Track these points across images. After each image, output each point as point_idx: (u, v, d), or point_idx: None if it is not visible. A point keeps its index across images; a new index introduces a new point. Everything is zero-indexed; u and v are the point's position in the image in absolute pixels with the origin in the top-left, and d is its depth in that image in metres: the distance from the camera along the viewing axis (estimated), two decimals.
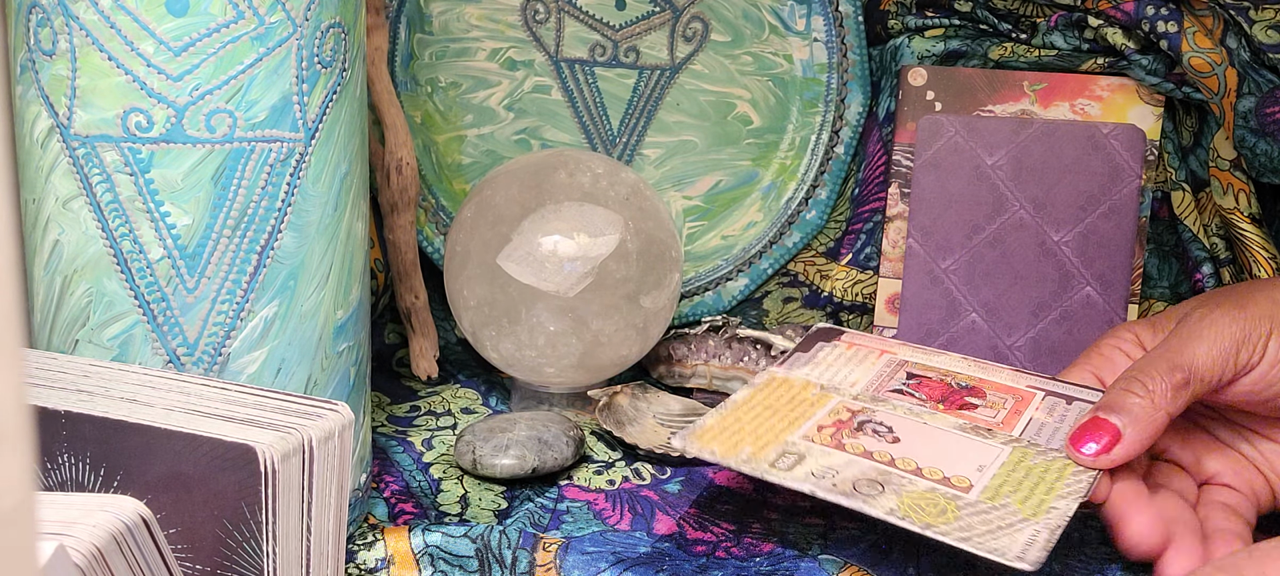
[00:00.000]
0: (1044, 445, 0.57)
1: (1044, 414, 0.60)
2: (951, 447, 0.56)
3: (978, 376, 0.63)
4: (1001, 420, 0.59)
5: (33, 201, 0.53)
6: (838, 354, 0.66)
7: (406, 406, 0.75)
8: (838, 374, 0.63)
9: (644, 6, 0.81)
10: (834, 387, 0.62)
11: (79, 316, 0.53)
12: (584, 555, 0.57)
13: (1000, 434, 0.58)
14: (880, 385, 0.62)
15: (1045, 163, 0.75)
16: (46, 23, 0.51)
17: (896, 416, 0.59)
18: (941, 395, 0.61)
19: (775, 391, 0.61)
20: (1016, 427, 0.59)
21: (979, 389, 0.62)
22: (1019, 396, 0.62)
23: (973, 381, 0.63)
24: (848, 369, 0.64)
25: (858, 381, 0.63)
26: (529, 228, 0.69)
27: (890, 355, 0.65)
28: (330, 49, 0.53)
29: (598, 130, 0.82)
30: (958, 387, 0.62)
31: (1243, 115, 0.72)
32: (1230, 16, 0.73)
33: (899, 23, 0.80)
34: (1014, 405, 0.61)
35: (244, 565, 0.45)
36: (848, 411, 0.59)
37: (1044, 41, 0.77)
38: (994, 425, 0.59)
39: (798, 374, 0.63)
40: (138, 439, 0.45)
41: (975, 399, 0.61)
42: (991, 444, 0.57)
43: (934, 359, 0.65)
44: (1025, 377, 0.63)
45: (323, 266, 0.55)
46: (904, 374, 0.63)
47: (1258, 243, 0.74)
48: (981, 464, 0.55)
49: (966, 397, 0.61)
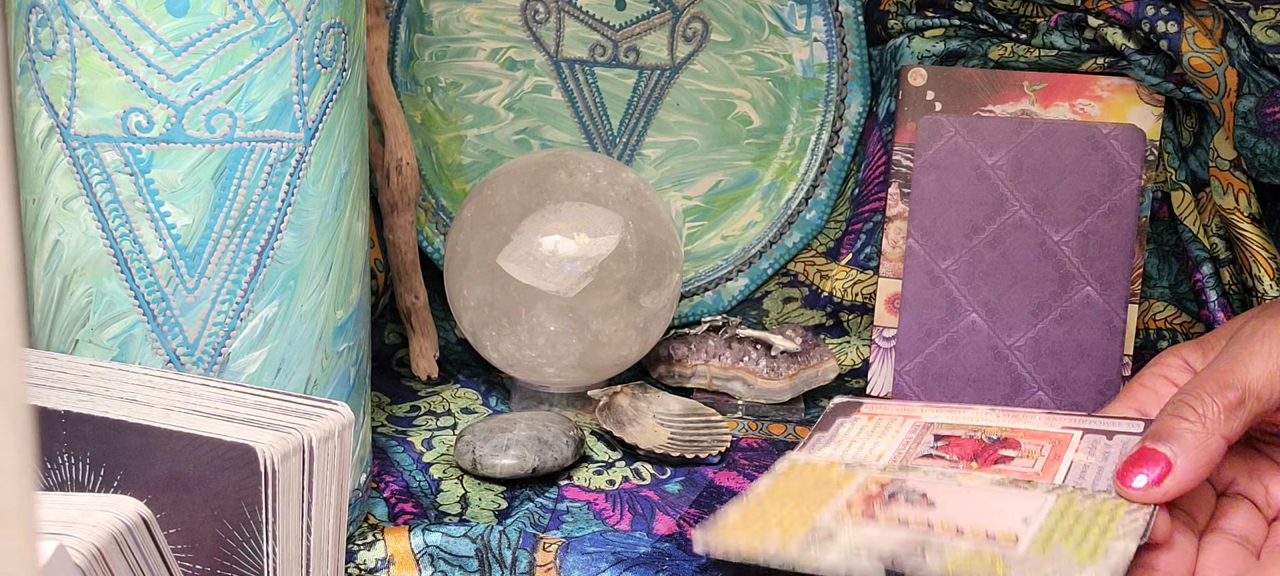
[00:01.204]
0: (1090, 487, 0.53)
1: (1086, 454, 0.55)
2: (991, 504, 0.52)
3: (1009, 426, 0.59)
4: (1041, 468, 0.55)
5: (33, 201, 0.53)
6: (859, 427, 0.62)
7: (406, 406, 0.75)
8: (862, 448, 0.59)
9: (644, 6, 0.81)
10: (859, 463, 0.57)
11: (79, 316, 0.53)
12: (584, 555, 0.57)
13: (1042, 483, 0.53)
14: (908, 453, 0.58)
15: (1045, 163, 0.75)
16: (46, 23, 0.51)
17: (929, 481, 0.54)
18: (974, 453, 0.57)
19: (798, 476, 0.57)
20: (1058, 474, 0.54)
21: (1012, 440, 0.58)
22: (1056, 441, 0.57)
23: (1004, 432, 0.59)
24: (871, 442, 0.60)
25: (884, 453, 0.58)
26: (529, 228, 0.69)
27: (914, 420, 0.62)
28: (330, 49, 0.53)
29: (598, 130, 0.82)
30: (989, 442, 0.58)
31: (1243, 115, 0.72)
32: (1230, 16, 0.73)
33: (899, 23, 0.80)
34: (1052, 451, 0.56)
35: (244, 565, 0.45)
36: (877, 485, 0.55)
37: (1044, 41, 0.77)
38: (1033, 475, 0.54)
39: (820, 455, 0.59)
40: (138, 439, 0.45)
41: (1010, 451, 0.57)
42: (1034, 494, 0.53)
43: (960, 415, 0.61)
44: (1060, 419, 0.59)
45: (323, 266, 0.55)
46: (931, 437, 0.59)
47: (1258, 243, 0.74)
48: (1026, 515, 0.51)
49: (1000, 450, 0.57)
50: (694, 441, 0.70)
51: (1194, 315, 0.79)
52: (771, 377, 0.75)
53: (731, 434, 0.72)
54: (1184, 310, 0.80)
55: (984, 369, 0.75)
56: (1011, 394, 0.75)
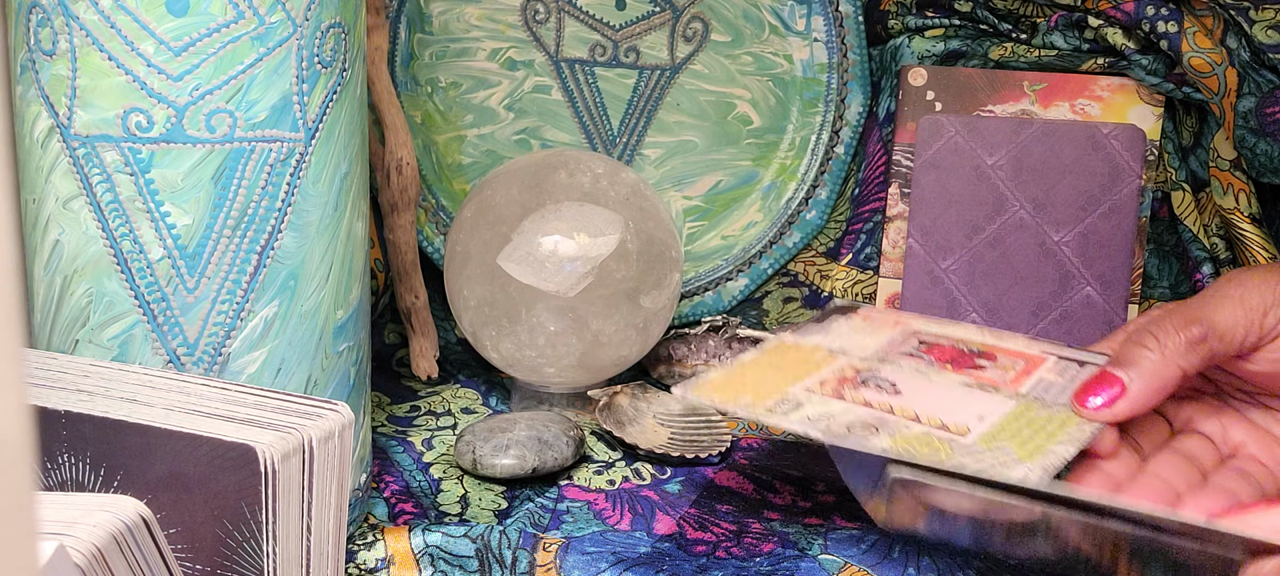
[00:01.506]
0: (1051, 401, 0.55)
1: (1055, 374, 0.58)
2: (953, 400, 0.55)
3: (991, 343, 0.62)
4: (1010, 379, 0.58)
5: (33, 201, 0.53)
6: (852, 325, 0.64)
7: (406, 406, 0.75)
8: (849, 341, 0.62)
9: (644, 6, 0.81)
10: (842, 351, 0.60)
11: (79, 316, 0.53)
12: (584, 555, 0.57)
13: (1005, 390, 0.56)
14: (890, 349, 0.61)
15: (1045, 163, 0.75)
16: (47, 23, 0.51)
17: (901, 373, 0.58)
18: (951, 358, 0.60)
19: (783, 355, 0.60)
20: (1024, 386, 0.57)
21: (990, 354, 0.61)
22: (1030, 360, 0.60)
23: (985, 347, 0.61)
24: (859, 337, 0.62)
25: (868, 347, 0.61)
26: (529, 228, 0.69)
27: (904, 326, 0.64)
28: (330, 49, 0.53)
29: (598, 130, 0.82)
30: (968, 352, 0.61)
31: (1243, 115, 0.72)
32: (1230, 16, 0.73)
33: (899, 23, 0.80)
34: (1024, 368, 0.59)
35: (244, 565, 0.45)
36: (852, 370, 0.58)
37: (1044, 41, 0.77)
38: (1001, 383, 0.57)
39: (809, 340, 0.62)
40: (138, 439, 0.45)
41: (985, 361, 0.60)
42: (995, 398, 0.55)
43: (948, 328, 0.64)
44: (1039, 344, 0.62)
45: (323, 266, 0.55)
46: (916, 341, 0.62)
47: (1258, 243, 0.74)
48: (982, 414, 0.53)
49: (976, 359, 0.60)
50: (694, 441, 0.70)
51: None
52: None
53: (731, 434, 0.72)
54: None
55: None
56: None
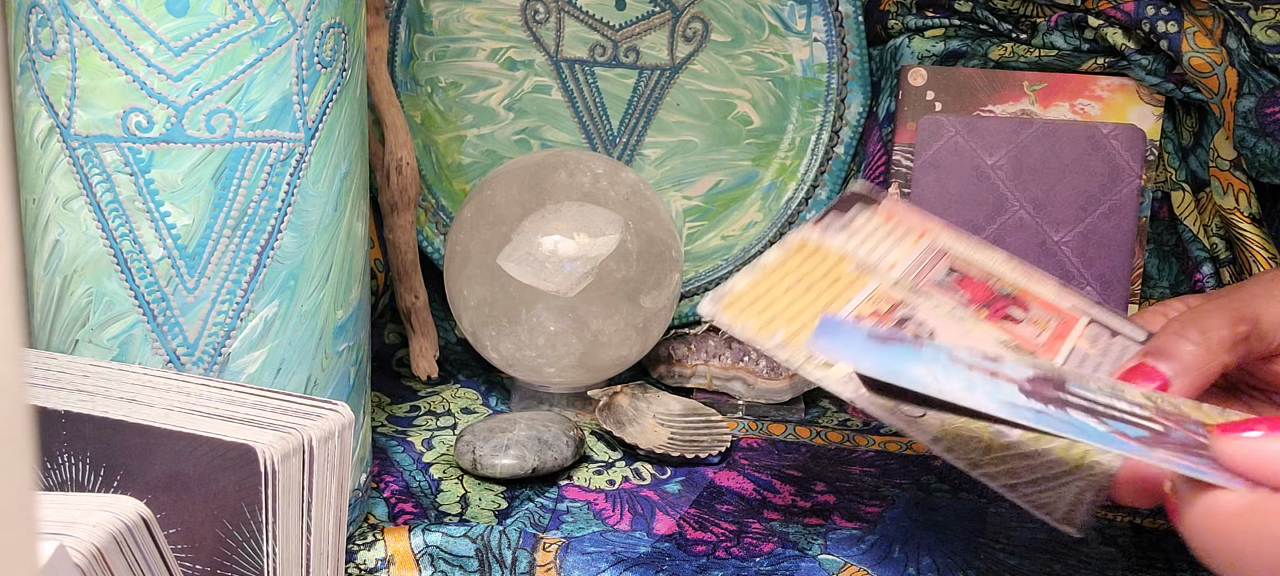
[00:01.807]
0: (1086, 378, 0.53)
1: (1088, 343, 0.55)
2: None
3: (1022, 285, 0.59)
4: (1044, 342, 0.55)
5: (33, 201, 0.53)
6: (875, 225, 0.60)
7: (406, 406, 0.75)
8: (875, 250, 0.58)
9: (644, 6, 0.81)
10: (871, 267, 0.57)
11: (79, 316, 0.53)
12: (584, 555, 0.57)
13: (1042, 360, 0.53)
14: (920, 274, 0.57)
15: (1045, 163, 0.75)
16: (46, 23, 0.51)
17: (939, 317, 0.54)
18: (985, 300, 0.57)
19: (809, 260, 0.56)
20: (1059, 354, 0.54)
21: (1022, 300, 0.58)
22: (1063, 318, 0.57)
23: (1016, 290, 0.58)
24: (886, 246, 0.59)
25: (897, 264, 0.57)
26: (529, 228, 0.69)
27: (930, 240, 0.60)
28: (330, 49, 0.53)
29: (598, 130, 0.82)
30: (1001, 294, 0.57)
31: (1243, 115, 0.72)
32: (1230, 16, 0.73)
33: (899, 23, 0.80)
34: (1057, 328, 0.56)
35: (244, 565, 0.45)
36: (887, 301, 0.54)
37: (1044, 41, 0.77)
38: (1037, 347, 0.54)
39: (832, 242, 0.58)
40: (138, 439, 0.45)
41: (1018, 311, 0.57)
42: (1034, 369, 0.53)
43: (976, 254, 0.60)
44: (1069, 297, 0.59)
45: (323, 266, 0.55)
46: (946, 267, 0.58)
47: (1258, 243, 0.74)
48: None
49: (1010, 307, 0.57)
50: (694, 441, 0.70)
51: None
52: (771, 377, 0.75)
53: (731, 434, 0.72)
54: None
55: None
56: None
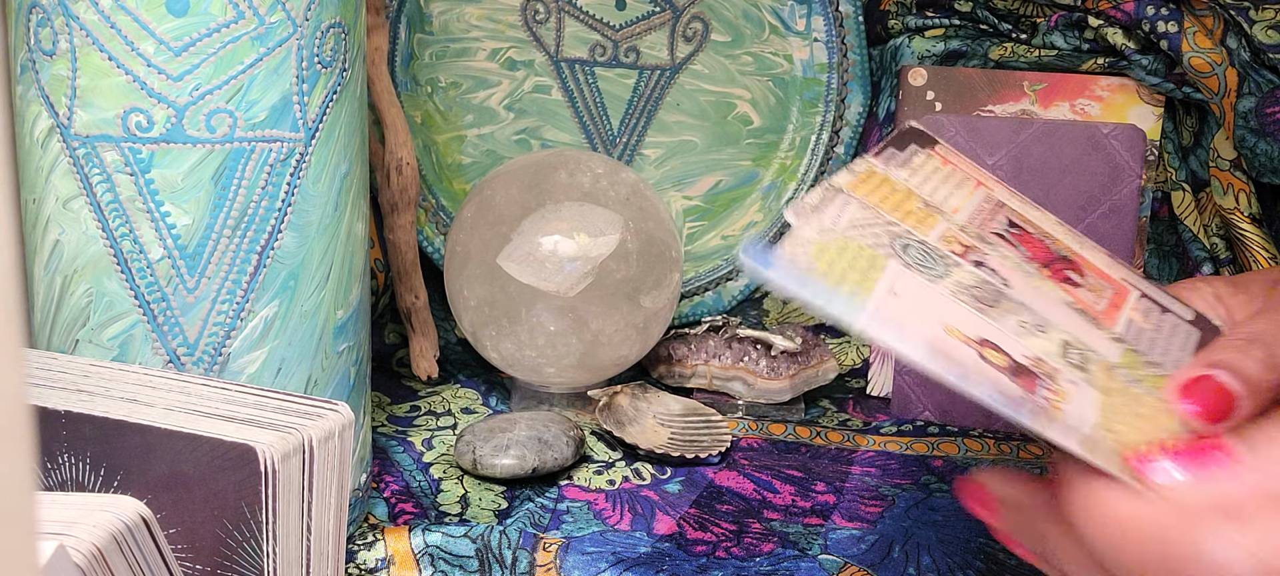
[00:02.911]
0: (1145, 354, 0.51)
1: (1141, 317, 0.54)
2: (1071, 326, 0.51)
3: (1075, 249, 0.57)
4: (1103, 309, 0.53)
5: (33, 201, 0.53)
6: (933, 167, 0.58)
7: (406, 406, 0.75)
8: (937, 192, 0.56)
9: (644, 6, 0.81)
10: (937, 208, 0.54)
11: (79, 316, 0.53)
12: (584, 555, 0.57)
13: (1106, 327, 0.52)
14: (983, 222, 0.55)
15: (1045, 163, 0.75)
16: (47, 23, 0.51)
17: (1009, 268, 0.52)
18: (1046, 260, 0.55)
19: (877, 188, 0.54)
20: (1117, 323, 0.53)
21: (1077, 265, 0.56)
22: (1116, 288, 0.55)
23: (1071, 254, 0.57)
24: (946, 189, 0.57)
25: (960, 210, 0.55)
26: (529, 228, 0.69)
27: (986, 190, 0.58)
28: (330, 49, 0.53)
29: (598, 130, 0.82)
30: (1058, 256, 0.56)
31: (1243, 115, 0.72)
32: (1230, 16, 0.73)
33: (899, 23, 0.80)
34: (1112, 298, 0.55)
35: (244, 565, 0.45)
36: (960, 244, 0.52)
37: (1044, 41, 0.77)
38: (1098, 313, 0.53)
39: (897, 175, 0.56)
40: (138, 439, 0.45)
41: (1076, 275, 0.55)
42: (1100, 336, 0.51)
43: (1031, 212, 0.59)
44: (1119, 268, 0.57)
45: (323, 266, 0.55)
46: (1006, 219, 0.57)
47: (1258, 243, 0.74)
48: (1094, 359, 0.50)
49: (1068, 270, 0.55)
50: (694, 441, 0.70)
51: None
52: (771, 377, 0.75)
53: (731, 434, 0.72)
54: None
55: None
56: None
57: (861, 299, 0.47)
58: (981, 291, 0.51)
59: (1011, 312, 0.51)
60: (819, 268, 0.48)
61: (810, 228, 0.51)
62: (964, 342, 0.48)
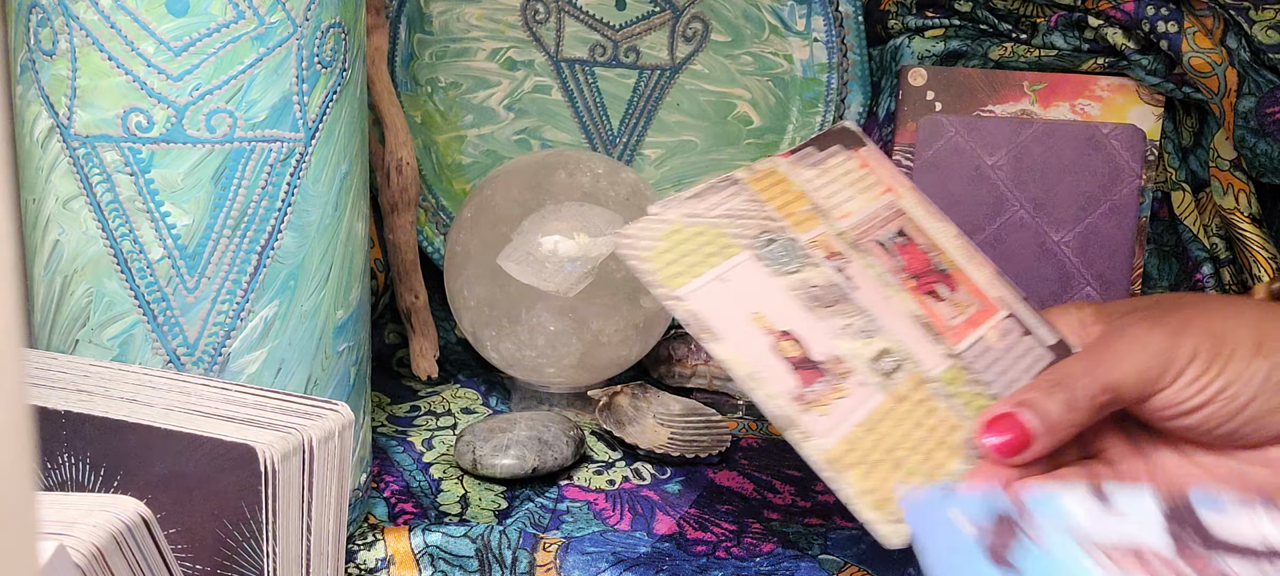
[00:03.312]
0: (978, 373, 0.56)
1: (997, 337, 0.58)
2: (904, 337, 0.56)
3: (960, 264, 0.61)
4: (956, 326, 0.58)
5: (33, 201, 0.53)
6: (848, 169, 0.62)
7: (406, 406, 0.75)
8: (837, 194, 0.60)
9: (644, 6, 0.81)
10: (825, 211, 0.59)
11: (79, 316, 0.53)
12: (584, 555, 0.57)
13: (946, 343, 0.56)
14: (870, 228, 0.59)
15: (1045, 163, 0.75)
16: (47, 23, 0.51)
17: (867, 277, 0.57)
18: (918, 271, 0.59)
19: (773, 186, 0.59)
20: (965, 340, 0.57)
21: (953, 279, 0.60)
22: (984, 306, 0.59)
23: (952, 268, 0.61)
24: (849, 193, 0.61)
25: (851, 214, 0.59)
26: (529, 228, 0.69)
27: (893, 198, 0.62)
28: (330, 49, 0.53)
29: (598, 130, 0.82)
30: (936, 269, 0.60)
31: (1243, 115, 0.72)
32: (1230, 16, 0.73)
33: (899, 23, 0.80)
34: (974, 315, 0.59)
35: (244, 565, 0.45)
36: (828, 248, 0.57)
37: (1044, 41, 0.77)
38: (947, 329, 0.57)
39: (802, 175, 0.60)
40: (138, 439, 0.45)
41: (945, 289, 0.59)
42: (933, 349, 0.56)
43: (931, 224, 0.62)
44: (999, 288, 0.61)
45: (323, 266, 0.55)
46: (897, 228, 0.61)
47: (1258, 242, 0.74)
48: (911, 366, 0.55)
49: (938, 284, 0.59)
50: (694, 441, 0.70)
51: None
52: None
53: (731, 434, 0.72)
54: None
55: None
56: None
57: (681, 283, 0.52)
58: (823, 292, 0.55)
59: (843, 315, 0.55)
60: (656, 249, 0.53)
61: (676, 211, 0.55)
62: (765, 331, 0.52)
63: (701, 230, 0.54)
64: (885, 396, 0.53)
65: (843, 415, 0.52)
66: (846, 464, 0.50)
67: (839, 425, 0.51)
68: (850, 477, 0.50)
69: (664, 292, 0.52)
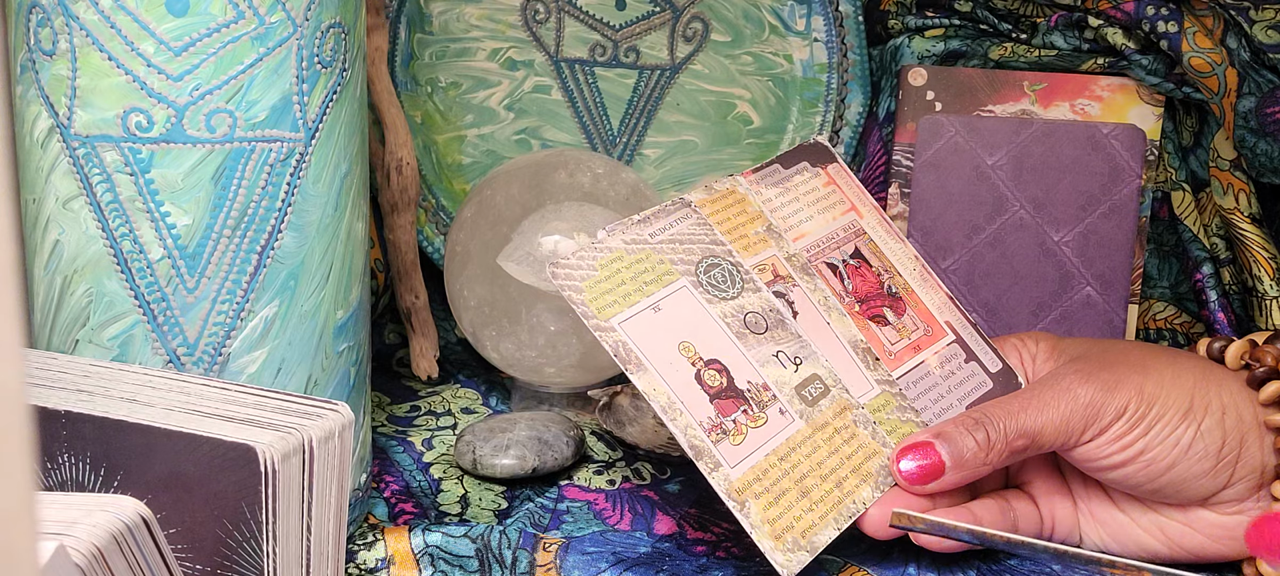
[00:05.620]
0: (910, 400, 0.58)
1: (938, 363, 0.60)
2: (835, 364, 0.57)
3: (912, 288, 0.62)
4: (896, 352, 0.59)
5: (33, 201, 0.53)
6: (811, 187, 0.63)
7: (406, 406, 0.75)
8: (797, 214, 0.62)
9: (644, 6, 0.81)
10: (779, 233, 0.60)
11: (79, 316, 0.53)
12: (584, 555, 0.57)
13: (882, 369, 0.58)
14: (822, 251, 0.61)
15: (1045, 163, 0.75)
16: (46, 23, 0.51)
17: (809, 303, 0.58)
18: (866, 295, 0.60)
19: (727, 208, 0.60)
20: (903, 365, 0.59)
21: (903, 303, 0.61)
22: (931, 329, 0.61)
23: (904, 290, 0.62)
24: (808, 212, 0.62)
25: (807, 234, 0.61)
26: (529, 228, 0.69)
27: (854, 217, 0.63)
28: (330, 49, 0.53)
29: (598, 130, 0.82)
30: (886, 292, 0.61)
31: (1243, 115, 0.72)
32: (1230, 16, 0.73)
33: (899, 23, 0.80)
34: (918, 339, 0.60)
35: (244, 565, 0.45)
36: (774, 273, 0.58)
37: (1044, 41, 0.77)
38: (886, 354, 0.59)
39: (762, 194, 0.61)
40: (138, 439, 0.45)
41: (891, 314, 0.61)
42: (870, 377, 0.58)
43: (889, 245, 0.64)
44: (950, 313, 0.62)
45: (323, 266, 0.55)
46: (853, 248, 0.62)
47: (1258, 243, 0.74)
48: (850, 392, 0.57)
49: (884, 307, 0.61)
50: None
51: (1194, 315, 0.79)
52: None
53: None
54: (1184, 310, 0.80)
55: None
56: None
57: (613, 313, 0.54)
58: (758, 318, 0.57)
59: (775, 342, 0.56)
60: (592, 279, 0.54)
61: (619, 238, 0.57)
62: (690, 360, 0.54)
63: (642, 256, 0.56)
64: (805, 424, 0.55)
65: (756, 444, 0.53)
66: (751, 493, 0.52)
67: (750, 454, 0.53)
68: (754, 507, 0.51)
69: (595, 323, 0.53)
